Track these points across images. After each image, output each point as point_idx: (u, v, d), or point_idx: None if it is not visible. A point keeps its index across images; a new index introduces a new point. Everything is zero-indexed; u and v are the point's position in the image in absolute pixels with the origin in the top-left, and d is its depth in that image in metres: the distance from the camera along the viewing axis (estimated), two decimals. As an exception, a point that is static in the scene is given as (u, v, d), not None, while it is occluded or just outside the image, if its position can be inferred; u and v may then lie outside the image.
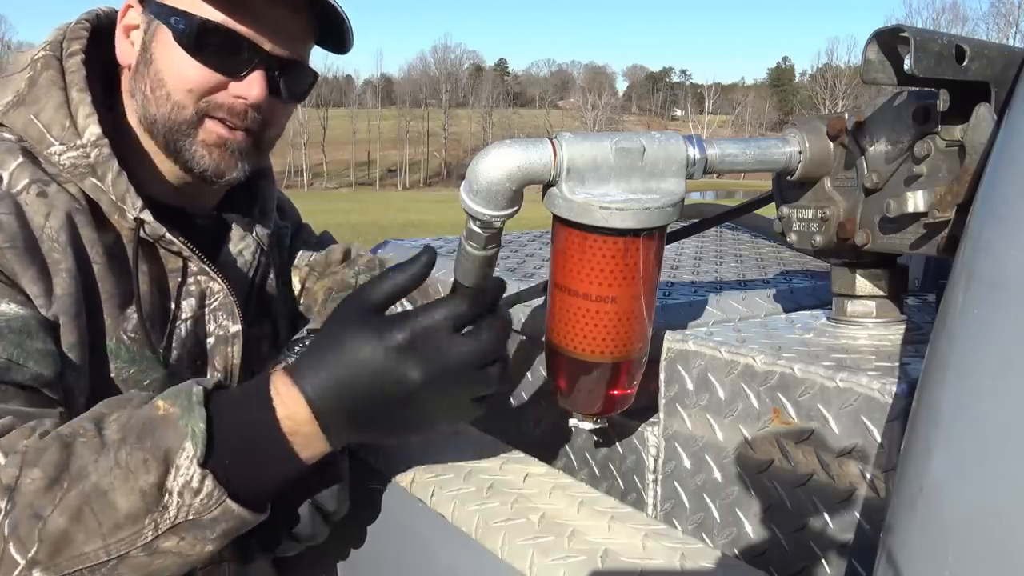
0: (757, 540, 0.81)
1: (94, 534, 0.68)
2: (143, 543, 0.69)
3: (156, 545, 0.69)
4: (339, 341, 0.72)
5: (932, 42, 0.68)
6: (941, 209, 0.72)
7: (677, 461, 0.89)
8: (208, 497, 0.69)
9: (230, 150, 0.90)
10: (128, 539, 0.68)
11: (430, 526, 0.84)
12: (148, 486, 0.68)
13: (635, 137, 0.79)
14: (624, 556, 0.72)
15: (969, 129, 0.71)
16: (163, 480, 0.69)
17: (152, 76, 0.88)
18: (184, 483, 0.69)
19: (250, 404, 0.73)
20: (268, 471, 0.73)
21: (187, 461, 0.69)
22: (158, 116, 0.89)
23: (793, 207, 0.91)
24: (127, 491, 0.68)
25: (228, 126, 0.89)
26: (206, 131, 0.89)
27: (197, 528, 0.70)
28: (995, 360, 0.53)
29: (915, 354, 0.77)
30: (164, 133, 0.89)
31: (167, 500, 0.69)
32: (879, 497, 0.70)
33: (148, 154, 0.92)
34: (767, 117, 76.92)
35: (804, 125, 0.87)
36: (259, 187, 1.06)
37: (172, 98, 0.88)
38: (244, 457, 0.72)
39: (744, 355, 0.81)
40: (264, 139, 0.94)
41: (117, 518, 0.68)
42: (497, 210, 0.79)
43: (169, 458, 0.69)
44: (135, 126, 0.92)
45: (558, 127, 54.08)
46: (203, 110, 0.88)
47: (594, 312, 0.81)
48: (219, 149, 0.90)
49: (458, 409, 0.76)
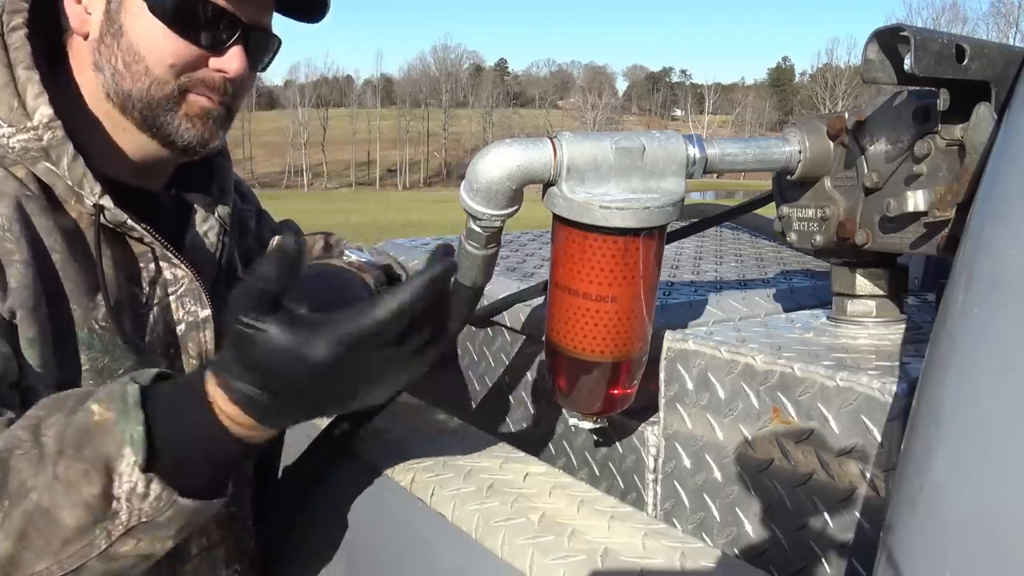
0: (757, 540, 0.81)
1: (43, 552, 0.65)
2: (97, 553, 0.66)
3: (112, 551, 0.67)
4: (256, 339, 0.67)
5: (932, 41, 0.68)
6: (941, 208, 0.72)
7: (677, 460, 0.89)
8: (157, 500, 0.66)
9: (211, 119, 0.88)
10: (80, 552, 0.66)
11: (430, 526, 0.84)
12: (92, 497, 0.65)
13: (635, 136, 0.79)
14: (624, 555, 0.72)
15: (969, 128, 0.71)
16: (108, 489, 0.66)
17: (125, 49, 0.84)
18: (129, 490, 0.66)
19: (187, 403, 0.69)
20: (216, 462, 0.70)
21: (128, 468, 0.66)
22: (134, 91, 0.85)
23: (793, 207, 0.91)
24: (71, 505, 0.65)
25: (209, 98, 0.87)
26: (189, 104, 0.86)
27: (153, 529, 0.67)
28: (995, 360, 0.53)
29: (915, 353, 0.77)
30: (141, 108, 0.86)
31: (116, 506, 0.66)
32: (879, 497, 0.70)
33: (107, 131, 0.88)
34: (767, 117, 76.90)
35: (804, 125, 0.87)
36: (215, 163, 1.01)
37: (152, 73, 0.84)
38: (189, 455, 0.68)
39: (744, 355, 0.81)
40: (235, 108, 0.91)
41: (65, 534, 0.65)
42: (497, 209, 0.79)
43: (110, 467, 0.66)
44: (95, 101, 0.88)
45: (558, 127, 54.07)
46: (185, 85, 0.85)
47: (594, 311, 0.81)
48: (202, 120, 0.87)
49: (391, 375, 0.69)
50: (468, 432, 1.02)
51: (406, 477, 0.90)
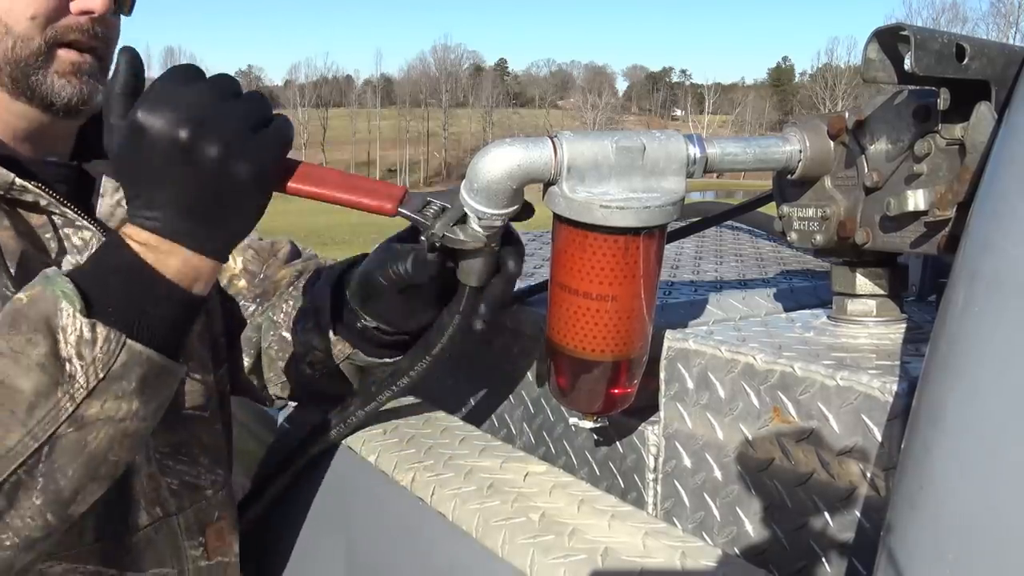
0: (757, 539, 0.81)
1: (11, 424, 0.64)
2: (66, 416, 0.65)
3: (80, 416, 0.66)
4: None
5: (932, 40, 0.68)
6: (941, 208, 0.72)
7: (677, 460, 0.89)
8: (107, 343, 0.66)
9: (86, 74, 0.85)
10: (49, 417, 0.64)
11: (430, 525, 0.84)
12: (42, 357, 0.64)
13: (635, 136, 0.79)
14: (624, 555, 0.72)
15: (969, 128, 0.71)
16: (55, 349, 0.65)
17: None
18: (77, 339, 0.65)
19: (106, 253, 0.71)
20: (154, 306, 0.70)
21: (70, 319, 0.65)
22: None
23: (793, 206, 0.91)
24: (23, 371, 0.64)
25: (78, 50, 0.84)
26: (59, 61, 0.83)
27: (113, 383, 0.67)
28: (995, 359, 0.53)
29: (915, 353, 0.77)
30: (10, 72, 0.82)
31: (70, 369, 0.65)
32: (879, 496, 0.70)
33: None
34: (767, 117, 76.87)
35: (804, 124, 0.87)
36: None
37: (13, 31, 0.81)
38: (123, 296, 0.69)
39: (744, 354, 0.81)
40: (108, 58, 0.88)
41: (27, 399, 0.64)
42: (497, 208, 0.79)
43: (51, 325, 0.65)
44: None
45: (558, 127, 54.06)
46: (52, 39, 0.82)
47: (594, 311, 0.81)
48: (76, 76, 0.84)
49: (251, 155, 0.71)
50: (468, 432, 1.02)
51: (406, 477, 0.90)
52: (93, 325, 0.66)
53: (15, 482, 0.64)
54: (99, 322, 0.67)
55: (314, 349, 1.00)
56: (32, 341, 0.65)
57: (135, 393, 0.68)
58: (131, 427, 0.69)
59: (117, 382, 0.67)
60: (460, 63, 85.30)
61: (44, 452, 0.65)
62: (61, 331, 0.66)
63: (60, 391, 0.65)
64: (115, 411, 0.67)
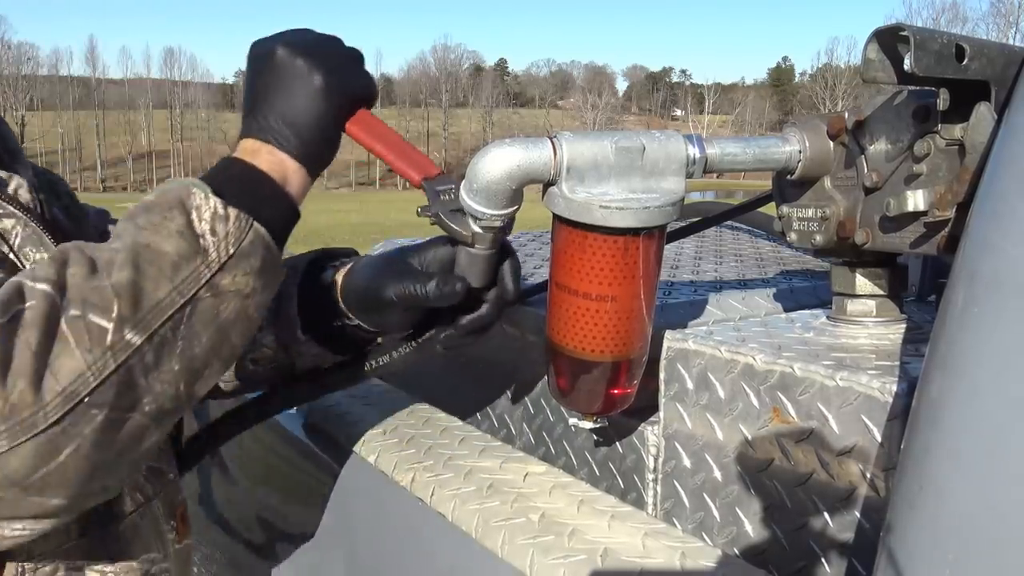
0: (757, 539, 0.81)
1: (160, 278, 0.68)
2: (204, 281, 0.69)
3: (216, 284, 0.70)
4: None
5: (932, 41, 0.68)
6: (941, 208, 0.72)
7: (677, 460, 0.89)
8: (238, 220, 0.72)
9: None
10: (191, 278, 0.69)
11: (430, 526, 0.85)
12: (181, 227, 0.69)
13: (635, 136, 0.79)
14: (624, 555, 0.72)
15: (969, 128, 0.71)
16: (191, 223, 0.70)
17: None
18: (211, 216, 0.71)
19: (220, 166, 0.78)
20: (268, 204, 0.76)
21: (203, 200, 0.71)
22: None
23: (793, 206, 0.91)
24: (165, 237, 0.69)
25: None
26: None
27: (242, 260, 0.72)
28: (995, 359, 0.53)
29: (915, 353, 0.77)
30: None
31: (204, 243, 0.70)
32: (879, 496, 0.70)
33: None
34: (767, 117, 76.85)
35: (804, 124, 0.87)
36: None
37: None
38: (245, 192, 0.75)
39: (744, 354, 0.81)
40: None
41: (172, 259, 0.68)
42: (497, 209, 0.79)
43: (185, 205, 0.70)
44: None
45: (558, 127, 54.03)
46: None
47: (594, 311, 0.81)
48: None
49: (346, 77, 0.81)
50: (468, 432, 1.02)
51: (406, 477, 0.90)
52: (225, 204, 0.72)
53: (163, 337, 0.67)
54: (229, 204, 0.72)
55: (263, 347, 0.99)
56: (168, 217, 0.70)
57: (259, 273, 0.73)
58: (251, 309, 0.74)
59: (246, 259, 0.72)
60: (460, 63, 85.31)
61: (187, 312, 0.68)
62: (195, 210, 0.71)
63: (198, 259, 0.69)
64: (243, 286, 0.72)
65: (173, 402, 0.69)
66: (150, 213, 0.71)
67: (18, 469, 0.61)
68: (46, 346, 0.62)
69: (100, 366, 0.63)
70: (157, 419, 0.68)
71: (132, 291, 0.66)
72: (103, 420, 0.63)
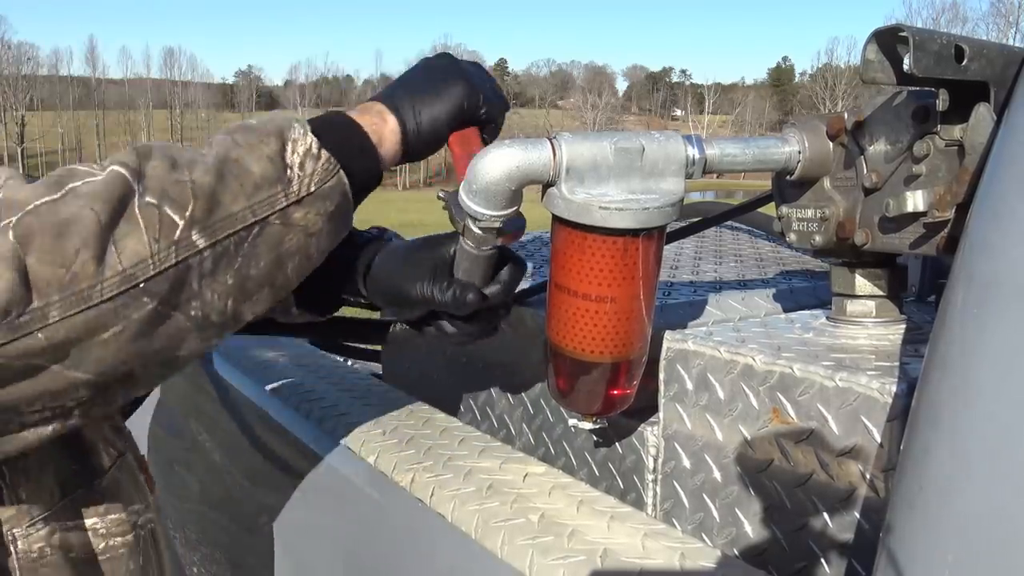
0: (756, 540, 0.81)
1: (238, 194, 0.69)
2: (279, 208, 0.71)
3: (288, 215, 0.72)
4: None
5: (931, 41, 0.68)
6: (940, 209, 0.72)
7: (676, 461, 0.89)
8: (327, 162, 0.74)
9: None
10: (268, 200, 0.70)
11: (430, 526, 0.85)
12: (273, 153, 0.71)
13: (634, 137, 0.79)
14: (624, 556, 0.72)
15: (968, 129, 0.71)
16: (283, 152, 0.72)
17: None
18: (305, 151, 0.73)
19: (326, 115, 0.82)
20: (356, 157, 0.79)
21: (301, 134, 0.73)
22: None
23: (792, 207, 0.91)
24: (256, 158, 0.71)
25: None
26: None
27: (318, 200, 0.73)
28: (995, 360, 0.53)
29: (915, 354, 0.77)
30: None
31: (290, 174, 0.72)
32: (879, 497, 0.70)
33: None
34: (767, 117, 76.84)
35: (803, 125, 0.87)
36: None
37: None
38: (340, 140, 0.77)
39: (744, 355, 0.81)
40: None
41: (254, 179, 0.70)
42: (496, 210, 0.79)
43: (283, 135, 0.73)
44: None
45: (558, 127, 54.01)
46: None
47: (593, 312, 0.81)
48: None
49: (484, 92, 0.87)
50: (467, 433, 1.02)
51: (406, 477, 0.90)
52: (320, 146, 0.74)
53: (225, 248, 0.68)
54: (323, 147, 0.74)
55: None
56: (264, 141, 0.72)
57: (329, 217, 0.75)
58: (312, 248, 0.75)
59: (322, 200, 0.74)
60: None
61: (254, 232, 0.70)
62: (291, 142, 0.73)
63: (279, 186, 0.71)
64: (312, 224, 0.74)
65: (219, 316, 0.70)
66: (248, 133, 0.73)
67: (65, 338, 0.60)
68: (114, 221, 0.63)
69: (163, 257, 0.64)
70: (200, 327, 0.69)
71: (210, 195, 0.67)
72: (151, 310, 0.64)
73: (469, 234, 0.83)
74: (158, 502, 0.95)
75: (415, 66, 0.89)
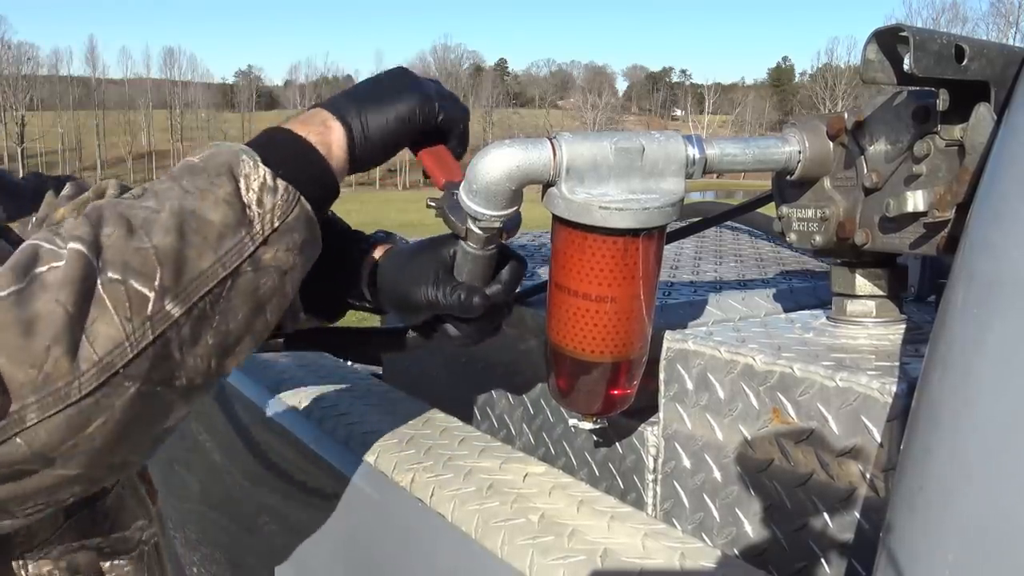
0: (757, 540, 0.81)
1: (204, 248, 0.65)
2: (248, 254, 0.67)
3: (258, 258, 0.68)
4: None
5: (932, 41, 0.68)
6: (941, 209, 0.72)
7: (677, 461, 0.89)
8: (286, 192, 0.70)
9: None
10: (235, 250, 0.66)
11: (430, 526, 0.85)
12: (228, 195, 0.67)
13: (634, 137, 0.79)
14: (624, 556, 0.72)
15: (969, 129, 0.71)
16: (238, 191, 0.68)
17: None
18: (260, 186, 0.68)
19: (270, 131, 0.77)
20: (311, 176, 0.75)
21: (252, 168, 0.69)
22: None
23: (793, 207, 0.91)
24: (211, 204, 0.66)
25: None
26: None
27: (285, 235, 0.70)
28: (995, 360, 0.53)
29: (915, 353, 0.77)
30: None
31: (250, 214, 0.68)
32: (879, 497, 0.70)
33: None
34: (767, 117, 76.85)
35: (804, 124, 0.87)
36: None
37: None
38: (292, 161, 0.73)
39: (744, 355, 0.81)
40: None
41: (216, 229, 0.66)
42: (496, 210, 0.79)
43: (234, 172, 0.68)
44: None
45: (558, 127, 54.05)
46: None
47: (593, 312, 0.81)
48: None
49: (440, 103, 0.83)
50: (467, 433, 1.02)
51: (406, 477, 0.90)
52: (274, 175, 0.69)
53: (202, 310, 0.64)
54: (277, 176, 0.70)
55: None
56: (216, 183, 0.67)
57: (299, 249, 0.71)
58: (288, 285, 0.71)
59: (289, 234, 0.70)
60: (460, 63, 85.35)
61: (228, 285, 0.66)
62: (244, 178, 0.68)
63: (243, 230, 0.67)
64: (284, 261, 0.70)
65: (203, 377, 0.67)
66: (196, 177, 0.68)
67: (47, 442, 0.57)
68: (83, 309, 0.58)
69: (138, 336, 0.60)
70: (186, 395, 0.66)
71: (176, 259, 0.63)
72: (135, 393, 0.61)
73: (471, 236, 0.82)
74: (160, 511, 0.94)
75: (365, 79, 0.85)
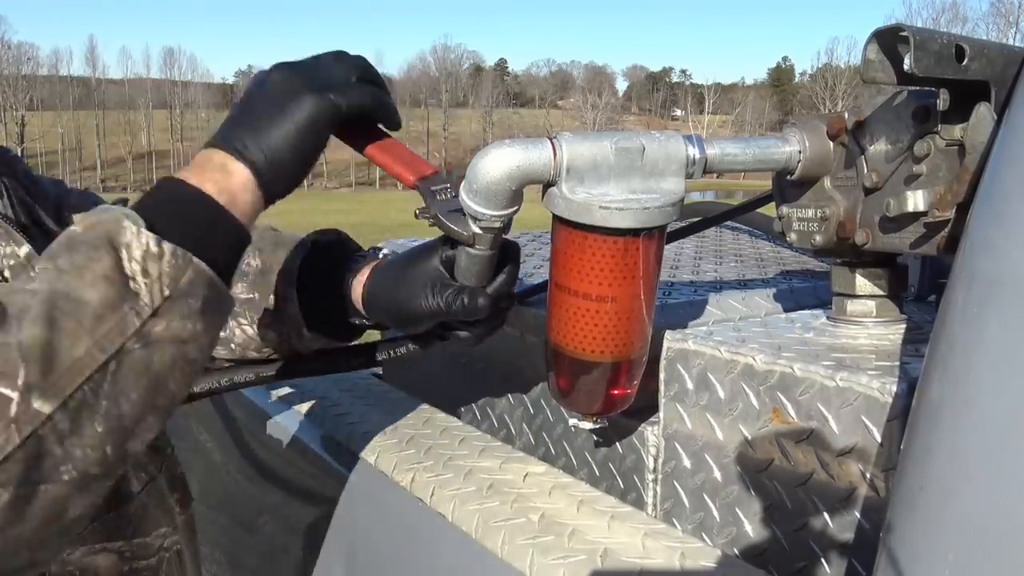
0: (757, 539, 0.81)
1: (78, 333, 0.59)
2: (133, 331, 0.61)
3: (147, 333, 0.62)
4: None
5: (932, 41, 0.68)
6: (941, 208, 0.72)
7: (677, 460, 0.89)
8: (173, 256, 0.63)
9: None
10: (116, 329, 0.60)
11: (430, 526, 0.85)
12: (108, 270, 0.61)
13: (635, 137, 0.79)
14: (624, 555, 0.72)
15: (969, 128, 0.71)
16: (119, 264, 0.61)
17: None
18: (143, 255, 0.62)
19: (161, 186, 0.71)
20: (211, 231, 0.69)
21: (134, 236, 0.62)
22: None
23: (793, 206, 0.91)
24: (89, 283, 0.60)
25: None
26: None
27: (179, 302, 0.64)
28: (995, 360, 0.53)
29: (915, 353, 0.77)
30: None
31: (135, 286, 0.62)
32: (879, 496, 0.70)
33: None
34: (767, 117, 76.85)
35: (804, 124, 0.87)
36: None
37: None
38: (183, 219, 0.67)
39: (744, 354, 0.81)
40: None
41: (94, 309, 0.60)
42: (496, 210, 0.79)
43: (114, 242, 0.62)
44: None
45: (558, 127, 54.10)
46: None
47: (594, 312, 0.81)
48: None
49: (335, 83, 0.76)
50: (468, 433, 1.02)
51: (406, 477, 0.90)
52: (159, 240, 0.63)
53: (80, 400, 0.59)
54: (163, 240, 0.64)
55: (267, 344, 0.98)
56: (94, 258, 0.61)
57: (199, 315, 0.65)
58: (192, 353, 0.66)
59: (183, 300, 0.64)
60: (460, 63, 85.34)
61: (110, 368, 0.60)
62: (125, 248, 0.62)
63: (126, 306, 0.61)
64: (180, 331, 0.64)
65: (99, 466, 0.61)
66: (73, 252, 0.62)
67: None
68: None
69: (1, 442, 0.55)
70: (81, 486, 0.61)
71: (43, 352, 0.58)
72: (11, 499, 0.56)
73: (478, 240, 0.82)
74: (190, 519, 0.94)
75: (245, 94, 0.77)
